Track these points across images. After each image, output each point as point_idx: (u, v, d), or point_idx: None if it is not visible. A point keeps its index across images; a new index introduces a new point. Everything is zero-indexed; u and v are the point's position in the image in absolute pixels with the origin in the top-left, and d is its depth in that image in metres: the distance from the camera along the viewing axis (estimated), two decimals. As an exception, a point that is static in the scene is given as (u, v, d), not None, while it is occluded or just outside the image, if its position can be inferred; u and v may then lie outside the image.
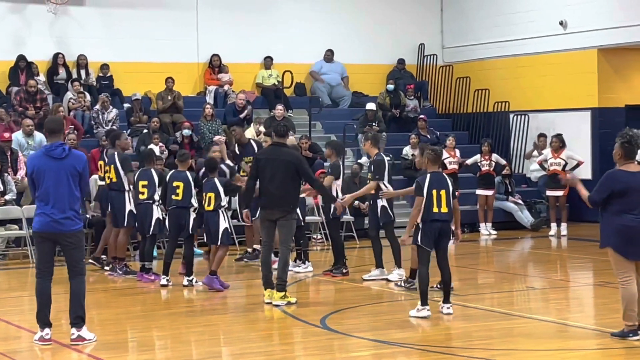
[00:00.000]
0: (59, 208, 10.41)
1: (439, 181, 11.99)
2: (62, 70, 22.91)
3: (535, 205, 22.58)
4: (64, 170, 10.43)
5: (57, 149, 10.49)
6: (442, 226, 11.96)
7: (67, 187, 10.43)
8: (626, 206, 10.33)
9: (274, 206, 12.85)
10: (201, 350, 10.81)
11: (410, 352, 10.37)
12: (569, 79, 23.48)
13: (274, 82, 24.74)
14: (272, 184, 12.81)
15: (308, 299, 14.40)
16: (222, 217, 14.15)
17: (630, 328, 10.51)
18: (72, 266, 10.59)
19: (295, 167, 12.83)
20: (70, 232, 10.45)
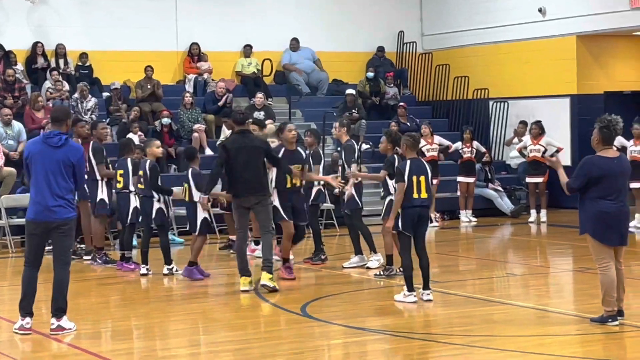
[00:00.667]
0: (50, 195, 10.38)
1: (419, 167, 12.07)
2: (41, 60, 22.79)
3: (515, 192, 22.64)
4: (57, 158, 10.40)
5: (55, 138, 10.47)
6: (422, 211, 12.04)
7: (60, 177, 10.39)
8: (603, 192, 10.38)
9: (250, 193, 12.93)
10: (181, 339, 10.80)
11: (390, 339, 10.38)
12: (548, 66, 23.53)
13: (253, 70, 24.69)
14: (247, 171, 12.86)
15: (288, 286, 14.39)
16: (200, 207, 14.11)
17: (609, 313, 10.57)
18: (60, 255, 10.54)
19: (265, 152, 13.05)
20: (63, 220, 10.43)
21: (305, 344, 10.29)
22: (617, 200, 10.44)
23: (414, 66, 26.62)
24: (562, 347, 9.91)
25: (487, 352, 9.62)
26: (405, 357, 9.69)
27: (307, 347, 10.12)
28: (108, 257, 15.86)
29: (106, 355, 9.75)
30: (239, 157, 12.94)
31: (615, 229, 10.45)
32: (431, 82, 26.21)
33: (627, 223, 10.78)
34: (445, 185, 21.53)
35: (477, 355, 9.53)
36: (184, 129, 21.73)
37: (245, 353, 9.84)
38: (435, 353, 9.82)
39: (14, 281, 14.13)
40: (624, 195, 10.60)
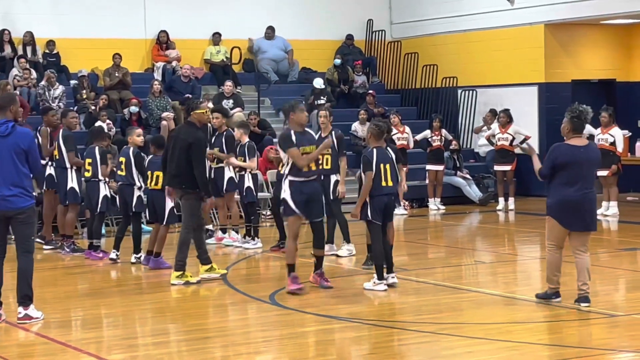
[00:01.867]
0: (5, 185, 10.29)
1: (384, 155, 12.17)
2: (8, 47, 22.62)
3: (483, 180, 22.72)
4: (7, 147, 10.28)
5: (2, 126, 10.35)
6: (388, 200, 12.13)
7: (12, 165, 10.28)
8: (568, 179, 10.70)
9: (171, 185, 13.02)
10: (150, 327, 10.79)
11: (359, 327, 10.41)
12: (516, 54, 23.60)
13: (222, 58, 24.63)
14: (171, 163, 12.91)
15: (258, 275, 14.41)
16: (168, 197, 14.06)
17: (552, 290, 11.08)
18: (21, 243, 10.49)
19: (188, 147, 12.74)
20: (20, 209, 10.34)
21: (274, 332, 10.30)
22: (582, 187, 10.71)
23: (383, 54, 26.63)
24: (529, 334, 9.98)
25: (455, 339, 9.67)
26: (375, 345, 9.72)
27: (276, 335, 10.14)
28: (76, 246, 15.80)
29: (74, 344, 9.73)
30: (170, 146, 13.04)
31: (579, 215, 10.75)
32: (400, 71, 26.24)
33: (592, 210, 10.99)
34: (414, 173, 21.56)
35: (445, 343, 9.58)
36: (153, 117, 21.65)
37: (214, 341, 9.84)
38: (405, 340, 9.86)
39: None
40: (589, 183, 10.87)
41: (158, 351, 9.60)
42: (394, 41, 26.46)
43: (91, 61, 23.22)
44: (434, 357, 9.01)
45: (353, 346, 9.72)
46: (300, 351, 9.58)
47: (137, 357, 9.32)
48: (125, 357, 9.20)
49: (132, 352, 9.47)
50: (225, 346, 9.70)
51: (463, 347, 9.35)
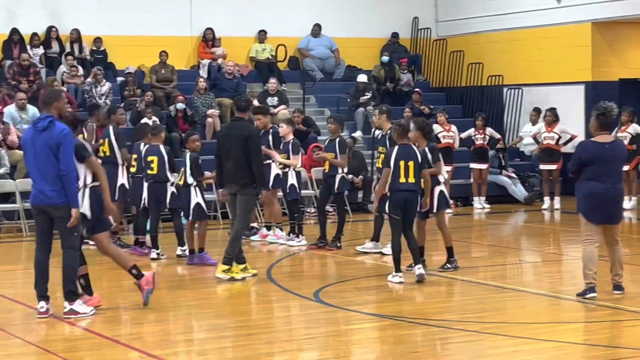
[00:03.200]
0: (43, 180, 10.38)
1: (407, 153, 12.37)
2: (56, 44, 22.83)
3: (529, 179, 22.61)
4: (44, 142, 10.35)
5: (40, 122, 10.45)
6: (409, 196, 12.32)
7: (49, 160, 10.34)
8: (593, 174, 11.10)
9: (229, 181, 12.96)
10: (194, 323, 10.84)
11: (403, 325, 10.39)
12: (563, 52, 23.45)
13: (267, 55, 24.68)
14: (228, 160, 12.88)
15: (302, 272, 14.43)
16: (194, 192, 14.11)
17: (588, 286, 11.20)
18: (63, 239, 10.56)
19: (245, 140, 12.77)
20: (58, 205, 10.40)
21: (318, 329, 10.31)
22: (606, 182, 11.08)
23: (429, 52, 26.57)
24: (575, 334, 9.93)
25: (500, 338, 9.63)
26: (419, 344, 9.70)
27: (319, 333, 10.15)
28: (122, 242, 15.90)
29: (120, 339, 9.79)
30: (223, 144, 13.02)
31: (603, 208, 11.13)
32: (445, 69, 26.17)
33: (616, 203, 11.35)
34: (459, 172, 21.50)
35: (490, 342, 9.54)
36: (198, 114, 21.75)
37: (258, 338, 9.86)
38: (449, 339, 9.83)
39: (28, 265, 14.19)
40: (615, 178, 11.25)
41: (202, 347, 9.64)
42: (439, 39, 26.39)
43: (137, 58, 23.36)
44: (478, 356, 8.98)
45: (397, 344, 9.71)
46: (343, 349, 9.59)
47: (182, 352, 9.37)
48: (170, 353, 9.24)
49: (176, 347, 9.52)
50: (269, 343, 9.72)
51: (508, 347, 9.31)
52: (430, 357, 9.06)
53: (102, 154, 15.61)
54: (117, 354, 9.30)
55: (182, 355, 9.25)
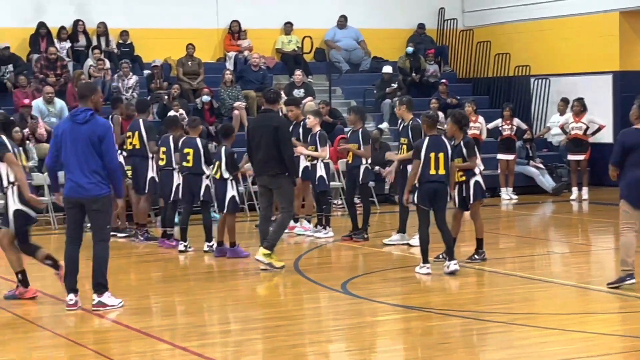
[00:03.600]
0: (81, 172, 10.42)
1: (437, 144, 12.38)
2: (82, 38, 22.92)
3: (557, 170, 22.52)
4: (83, 135, 10.41)
5: (81, 114, 10.50)
6: (438, 187, 12.33)
7: (88, 153, 10.40)
8: (636, 160, 11.15)
9: (261, 172, 12.98)
10: (224, 315, 10.87)
11: (431, 317, 10.38)
12: (590, 42, 23.32)
13: (293, 47, 24.69)
14: (259, 151, 12.89)
15: (329, 264, 14.44)
16: (230, 185, 14.12)
17: (626, 272, 11.21)
18: (96, 232, 10.62)
19: (274, 132, 12.79)
20: (95, 197, 10.45)
21: (346, 321, 10.31)
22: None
23: (455, 43, 26.48)
24: (604, 325, 9.88)
25: (528, 329, 9.61)
26: (447, 335, 9.69)
27: (347, 324, 10.15)
28: (150, 234, 15.95)
29: (149, 331, 9.82)
30: (254, 135, 13.02)
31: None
32: (472, 59, 26.08)
33: None
34: (486, 163, 21.37)
35: (518, 333, 9.52)
36: (225, 107, 21.78)
37: (286, 330, 9.88)
38: (477, 330, 9.81)
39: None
40: None
41: (231, 339, 9.67)
42: (465, 30, 26.31)
43: (164, 51, 23.41)
44: (507, 347, 8.96)
45: (424, 336, 9.70)
46: (371, 340, 9.60)
47: (210, 344, 9.40)
48: (198, 345, 9.27)
49: (205, 339, 9.55)
50: (297, 334, 9.73)
51: (536, 338, 9.28)
52: (458, 349, 9.05)
53: (130, 147, 15.64)
54: (146, 345, 9.33)
55: (211, 347, 9.28)
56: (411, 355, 9.01)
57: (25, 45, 22.44)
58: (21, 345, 9.38)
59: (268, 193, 13.07)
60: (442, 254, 13.05)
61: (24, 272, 11.36)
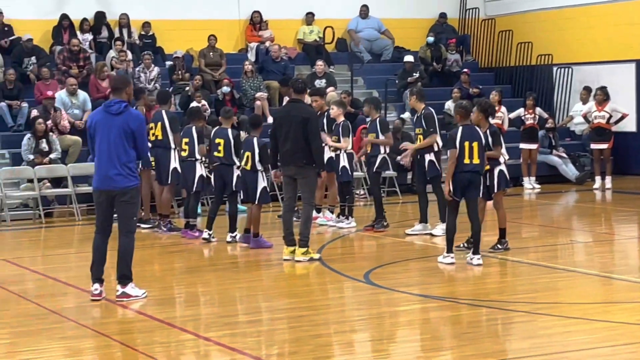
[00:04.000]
0: (111, 164, 10.47)
1: (471, 133, 12.26)
2: (105, 30, 22.98)
3: (580, 159, 22.44)
4: (117, 126, 10.46)
5: (115, 105, 10.55)
6: (472, 177, 12.23)
7: (120, 145, 10.46)
8: None
9: (288, 162, 12.95)
10: (247, 305, 10.90)
11: (454, 306, 10.38)
12: (613, 30, 23.21)
13: (315, 38, 24.67)
14: (286, 141, 12.87)
15: (352, 254, 14.45)
16: (261, 176, 14.12)
17: None
18: (123, 223, 10.65)
19: (305, 123, 12.79)
20: (124, 189, 10.50)
21: (369, 311, 10.33)
22: None
23: (477, 32, 26.42)
24: (627, 315, 9.84)
25: (552, 319, 9.59)
26: (470, 324, 9.69)
27: (371, 314, 10.17)
28: (173, 225, 16.00)
29: (172, 321, 9.87)
30: (281, 125, 13.00)
31: None
32: (494, 49, 26.01)
33: None
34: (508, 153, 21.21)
35: (541, 322, 9.50)
36: (247, 98, 21.81)
37: (309, 320, 9.90)
38: (500, 320, 9.80)
39: (81, 248, 14.40)
40: None
41: (254, 329, 9.70)
42: (487, 19, 26.23)
43: (186, 42, 23.44)
44: (530, 336, 8.95)
45: (448, 325, 9.70)
46: (394, 330, 9.61)
47: (234, 334, 9.42)
48: (222, 335, 9.30)
49: (228, 329, 9.58)
50: (320, 324, 9.75)
51: (560, 327, 9.27)
52: (482, 338, 9.05)
53: (152, 138, 15.66)
54: (170, 336, 9.38)
55: (234, 337, 9.30)
56: (434, 345, 9.02)
57: (47, 37, 22.52)
58: (46, 336, 9.43)
59: (293, 183, 13.08)
60: (463, 244, 13.05)
61: None
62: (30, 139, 18.41)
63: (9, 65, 20.98)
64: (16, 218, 17.99)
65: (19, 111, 19.91)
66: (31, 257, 14.78)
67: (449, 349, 8.89)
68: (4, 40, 21.81)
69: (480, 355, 8.37)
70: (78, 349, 9.03)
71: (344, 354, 8.78)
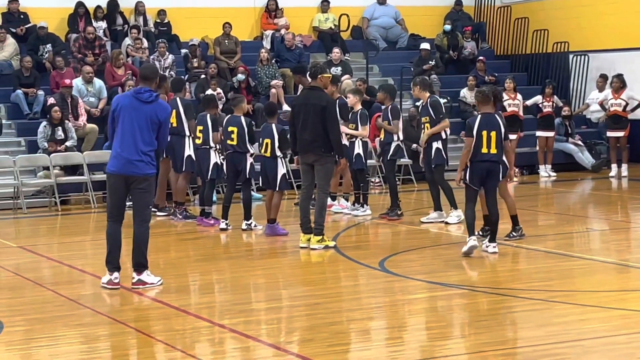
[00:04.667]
0: (134, 149, 10.43)
1: (490, 122, 12.09)
2: (119, 17, 23.00)
3: (596, 147, 22.36)
4: (145, 114, 10.45)
5: (145, 93, 10.54)
6: (490, 166, 12.09)
7: (146, 131, 10.44)
8: None
9: (307, 150, 12.91)
10: (262, 293, 10.90)
11: (470, 294, 10.37)
12: (629, 18, 23.09)
13: (330, 25, 24.65)
14: (305, 129, 12.83)
15: (367, 242, 14.45)
16: (281, 163, 14.11)
17: None
18: (139, 211, 10.62)
19: (322, 111, 12.76)
20: (144, 176, 10.48)
21: (384, 298, 10.32)
22: None
23: (492, 20, 26.34)
24: (643, 303, 9.83)
25: (567, 306, 9.57)
26: (485, 312, 9.68)
27: (386, 302, 10.16)
28: (188, 213, 16.03)
29: (188, 309, 9.89)
30: (300, 113, 12.94)
31: None
32: (510, 36, 25.92)
33: None
34: (525, 140, 21.34)
35: (557, 310, 9.48)
36: (262, 85, 21.80)
37: (324, 307, 9.90)
38: (515, 308, 9.79)
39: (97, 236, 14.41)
40: None
41: (269, 316, 9.71)
42: (503, 6, 26.14)
43: (201, 30, 23.45)
44: (545, 324, 8.93)
45: (463, 313, 9.69)
46: (410, 318, 9.60)
47: (249, 322, 9.43)
48: (237, 322, 9.31)
49: (243, 317, 9.58)
50: (336, 312, 9.75)
51: (575, 315, 9.25)
52: (497, 326, 9.04)
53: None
54: (185, 323, 9.39)
55: (250, 324, 9.31)
56: (450, 332, 9.01)
57: (63, 25, 22.56)
58: (62, 323, 9.46)
59: (311, 171, 13.06)
60: (478, 232, 13.01)
61: None
62: (46, 127, 18.45)
63: (24, 53, 21.02)
64: (32, 206, 18.04)
65: (35, 99, 19.95)
66: (47, 245, 14.83)
67: (464, 336, 8.89)
68: (19, 28, 21.85)
69: (495, 343, 8.36)
70: (94, 336, 9.06)
71: (359, 342, 8.79)
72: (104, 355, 8.49)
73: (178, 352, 8.46)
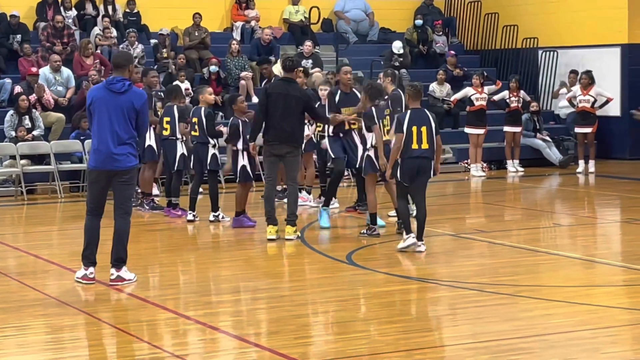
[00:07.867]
0: (113, 143, 10.23)
1: (420, 117, 11.94)
2: (89, 6, 22.86)
3: (564, 142, 22.46)
4: (120, 104, 10.23)
5: (118, 83, 10.29)
6: (421, 163, 11.93)
7: (124, 123, 10.25)
8: None
9: (283, 142, 12.86)
10: (228, 285, 10.88)
11: (436, 288, 10.40)
12: (598, 14, 23.20)
13: (301, 18, 24.61)
14: (284, 120, 12.81)
15: (335, 235, 14.43)
16: (241, 156, 14.07)
17: None
18: (121, 204, 10.42)
19: (304, 104, 12.88)
20: (126, 169, 10.30)
21: (351, 291, 10.32)
22: None
23: (463, 15, 26.39)
24: (608, 298, 9.88)
25: (533, 301, 9.61)
26: (451, 306, 9.70)
27: (352, 295, 10.16)
28: (155, 204, 15.96)
29: (153, 300, 9.86)
30: (278, 103, 12.89)
31: None
32: (480, 31, 25.98)
33: None
34: (492, 135, 21.40)
35: (523, 305, 9.52)
36: (232, 77, 21.74)
37: (291, 300, 9.89)
38: (482, 302, 9.80)
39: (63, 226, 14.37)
40: None
41: (234, 308, 9.69)
42: (473, 1, 26.19)
43: (171, 20, 23.34)
44: (511, 319, 8.97)
45: (430, 307, 9.71)
46: (376, 311, 9.60)
47: (214, 313, 9.41)
48: (202, 314, 9.29)
49: (209, 309, 9.57)
50: (301, 304, 9.75)
51: (541, 310, 9.29)
52: (463, 320, 9.06)
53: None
54: (149, 314, 9.35)
55: (214, 316, 9.29)
56: (416, 326, 9.02)
57: (32, 14, 22.39)
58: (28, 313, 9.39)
59: (279, 163, 13.06)
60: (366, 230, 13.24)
61: None
62: (13, 116, 18.32)
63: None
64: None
65: (2, 87, 19.81)
66: (13, 234, 14.73)
67: (429, 330, 8.90)
68: (-11, 17, 21.69)
69: (461, 337, 8.38)
70: (59, 326, 9.00)
71: (326, 334, 8.79)
72: (69, 346, 8.44)
73: (144, 343, 8.43)
